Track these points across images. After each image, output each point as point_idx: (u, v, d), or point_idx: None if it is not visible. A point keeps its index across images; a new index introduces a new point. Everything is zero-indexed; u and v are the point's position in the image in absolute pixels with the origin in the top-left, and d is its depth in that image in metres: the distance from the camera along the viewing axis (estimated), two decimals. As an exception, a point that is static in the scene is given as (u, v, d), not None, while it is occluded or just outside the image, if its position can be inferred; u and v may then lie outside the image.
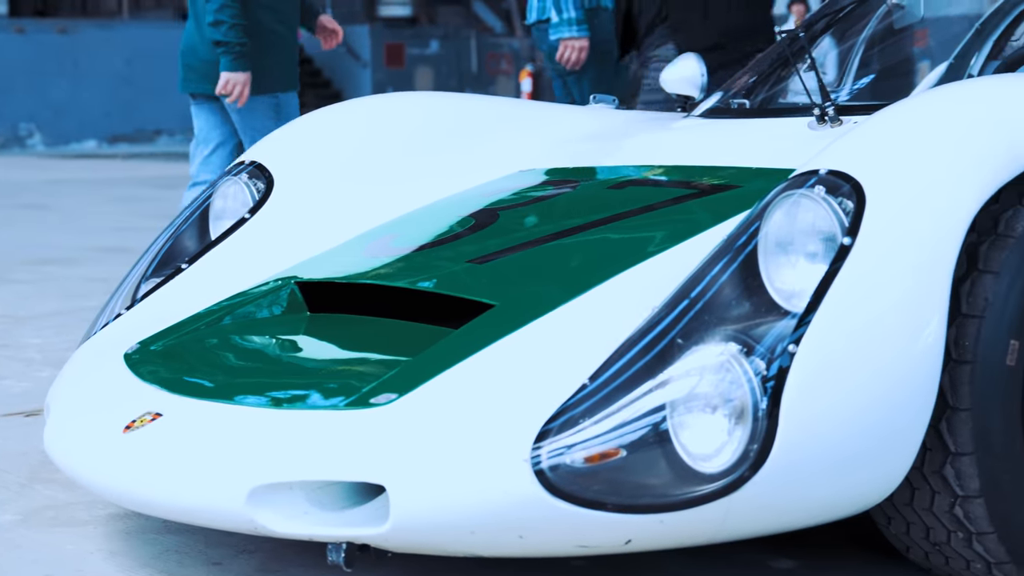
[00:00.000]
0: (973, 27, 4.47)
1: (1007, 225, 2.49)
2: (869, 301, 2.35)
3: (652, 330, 2.41)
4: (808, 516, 2.41)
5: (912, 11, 4.14)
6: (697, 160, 3.29)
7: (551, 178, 3.42)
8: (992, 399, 2.45)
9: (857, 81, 4.12)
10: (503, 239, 3.00)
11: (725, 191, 2.96)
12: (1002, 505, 2.47)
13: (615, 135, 3.71)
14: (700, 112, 3.85)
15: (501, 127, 3.78)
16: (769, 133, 3.41)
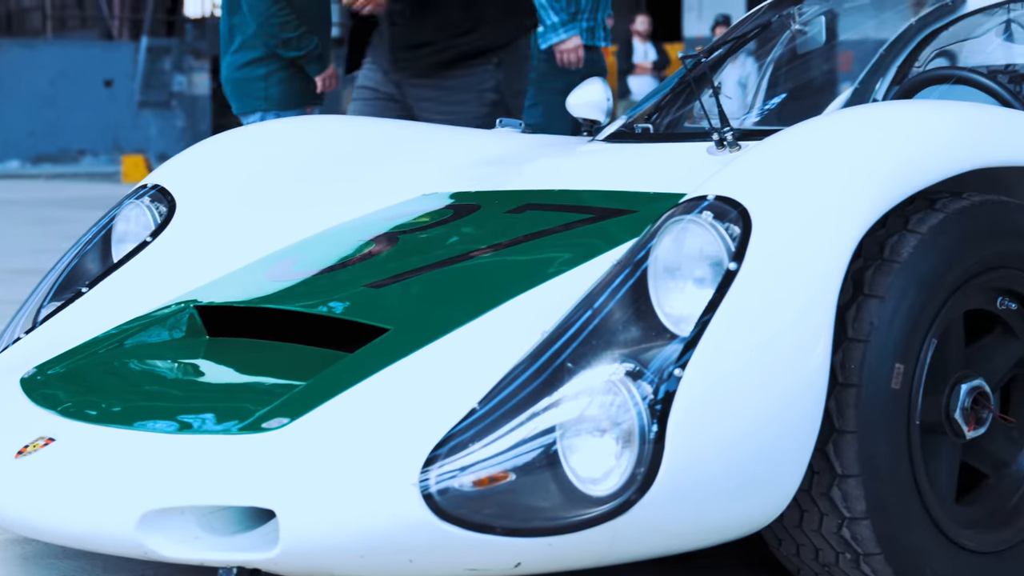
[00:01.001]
0: (877, 52, 4.53)
1: (892, 250, 2.53)
2: (755, 325, 2.38)
3: (543, 354, 2.43)
4: (696, 538, 2.44)
5: (815, 37, 4.18)
6: (597, 184, 3.31)
7: (453, 202, 3.43)
8: (878, 422, 2.48)
9: (760, 106, 4.17)
10: (401, 263, 3.01)
11: (621, 215, 2.98)
12: (888, 526, 2.51)
13: (519, 159, 3.72)
14: (604, 136, 3.87)
15: (406, 150, 3.79)
16: (669, 158, 3.43)
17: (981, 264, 2.62)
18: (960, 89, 3.78)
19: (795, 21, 4.21)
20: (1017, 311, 2.74)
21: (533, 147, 3.90)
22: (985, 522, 2.72)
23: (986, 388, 2.68)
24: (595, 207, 3.09)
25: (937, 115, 2.70)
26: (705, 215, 2.46)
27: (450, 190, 3.54)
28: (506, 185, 3.49)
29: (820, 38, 4.18)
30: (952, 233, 2.57)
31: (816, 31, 4.18)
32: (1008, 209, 2.66)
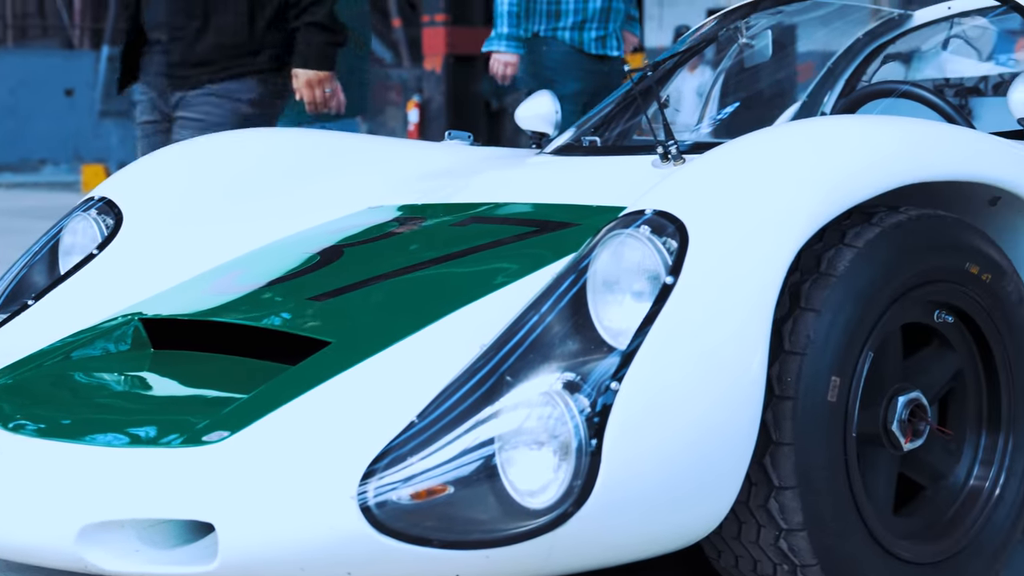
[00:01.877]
0: (825, 66, 4.57)
1: (829, 264, 2.55)
2: (692, 338, 2.40)
3: (482, 367, 2.44)
4: (634, 550, 2.45)
5: (762, 50, 4.21)
6: (543, 197, 3.33)
7: (398, 215, 3.45)
8: (814, 434, 2.50)
9: (707, 119, 4.20)
10: (345, 276, 3.02)
11: (564, 229, 3.00)
12: (825, 538, 2.53)
13: (466, 171, 3.74)
14: (552, 149, 3.89)
15: (353, 163, 3.80)
16: (614, 171, 3.45)
17: (918, 277, 2.65)
18: (904, 103, 3.82)
19: (742, 35, 4.24)
20: (954, 324, 2.77)
21: (481, 160, 3.92)
22: (922, 533, 2.74)
23: (923, 400, 2.71)
24: (539, 220, 3.11)
25: (874, 130, 2.73)
26: (643, 229, 2.48)
27: (396, 203, 3.56)
28: (453, 198, 3.50)
29: (767, 52, 4.20)
30: (888, 247, 2.59)
31: (763, 44, 4.21)
32: (945, 223, 2.69)
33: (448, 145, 4.08)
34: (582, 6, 6.16)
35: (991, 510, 2.79)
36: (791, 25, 4.50)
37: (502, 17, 6.12)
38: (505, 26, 6.10)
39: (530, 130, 4.10)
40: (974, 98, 4.45)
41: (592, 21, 6.22)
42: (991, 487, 2.80)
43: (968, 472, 2.82)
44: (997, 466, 2.82)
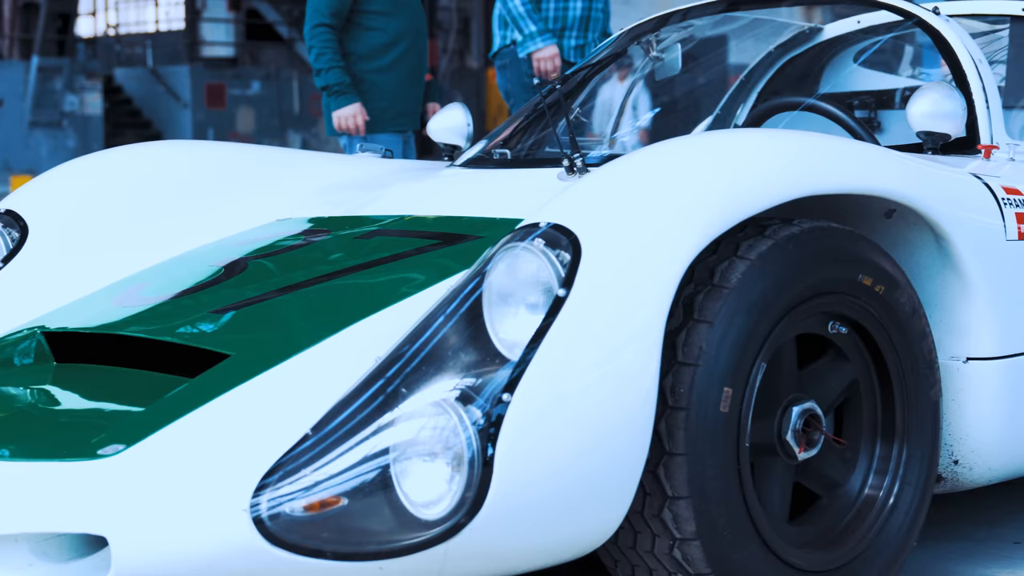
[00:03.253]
0: (739, 79, 4.60)
1: (722, 276, 2.57)
2: (584, 350, 2.42)
3: (377, 380, 2.46)
4: (528, 560, 2.47)
5: (672, 64, 4.25)
6: (450, 210, 3.34)
7: (305, 227, 3.45)
8: (707, 444, 2.52)
9: (618, 132, 4.22)
10: (248, 289, 3.03)
11: (467, 241, 3.01)
12: (718, 547, 2.55)
13: (377, 184, 3.75)
14: (462, 161, 3.91)
15: (265, 176, 3.81)
16: (522, 184, 3.47)
17: (811, 289, 2.68)
18: (811, 116, 3.86)
19: (653, 48, 4.27)
20: (848, 335, 2.80)
21: (391, 172, 3.94)
22: (817, 542, 2.77)
23: (818, 410, 2.74)
24: (442, 233, 3.13)
25: (768, 143, 2.75)
26: (537, 242, 2.49)
27: (305, 215, 3.56)
28: (361, 211, 3.52)
29: (677, 65, 4.24)
30: (781, 259, 2.62)
31: (673, 57, 4.24)
32: (837, 235, 2.72)
33: (360, 158, 4.10)
34: (561, 14, 6.15)
35: (885, 519, 2.82)
36: (703, 38, 4.53)
37: (523, 19, 6.03)
38: (530, 24, 6.04)
39: (442, 143, 4.11)
40: (883, 111, 4.49)
41: (572, 29, 6.21)
42: (885, 496, 2.84)
43: (863, 481, 2.85)
44: (891, 475, 2.85)
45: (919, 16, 3.69)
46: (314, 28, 5.55)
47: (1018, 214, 3.02)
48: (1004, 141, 3.41)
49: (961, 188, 2.97)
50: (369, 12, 5.61)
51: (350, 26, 5.61)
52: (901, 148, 3.39)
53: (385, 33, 5.64)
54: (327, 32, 5.53)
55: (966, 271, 2.90)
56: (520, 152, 3.92)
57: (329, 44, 5.55)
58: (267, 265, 3.19)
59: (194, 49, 25.70)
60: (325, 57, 5.54)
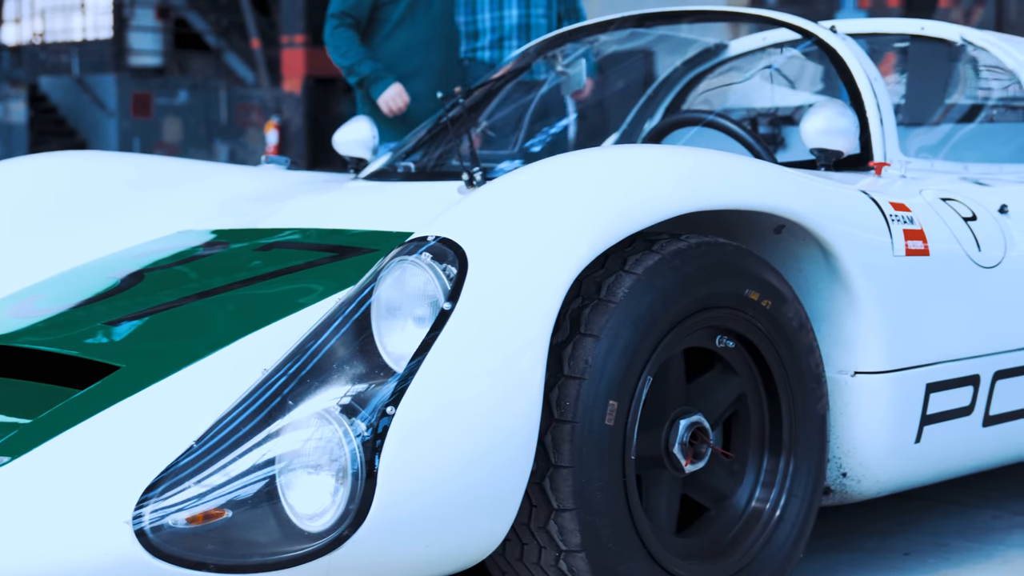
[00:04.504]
0: (645, 94, 4.65)
1: (609, 290, 2.60)
2: (468, 363, 2.44)
3: (264, 392, 2.47)
4: (412, 572, 2.48)
5: (577, 78, 4.28)
6: (350, 223, 3.35)
7: (204, 239, 3.46)
8: (592, 457, 2.55)
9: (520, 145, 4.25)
10: (143, 300, 3.03)
11: (362, 254, 3.03)
12: (604, 559, 2.57)
13: (281, 196, 3.76)
14: (366, 174, 3.92)
15: (169, 186, 3.81)
16: (422, 197, 3.49)
17: (697, 303, 2.71)
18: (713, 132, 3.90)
19: (559, 63, 4.30)
20: (736, 349, 2.83)
21: (296, 184, 3.95)
22: (704, 553, 2.80)
23: (705, 423, 2.77)
24: (339, 246, 3.14)
25: (657, 159, 2.78)
26: (424, 256, 2.51)
27: (206, 227, 3.56)
28: (262, 223, 3.52)
29: (582, 79, 4.27)
30: (668, 274, 2.65)
31: (578, 72, 4.27)
32: (725, 250, 2.75)
33: (265, 169, 4.10)
34: (498, 24, 6.11)
35: (772, 530, 2.86)
36: (610, 54, 4.57)
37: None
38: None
39: (348, 155, 4.13)
40: (788, 127, 4.55)
41: (510, 38, 6.13)
42: (772, 508, 2.87)
43: (750, 493, 2.89)
44: (778, 488, 2.89)
45: (816, 35, 3.74)
46: (333, 31, 5.41)
47: (906, 230, 3.06)
48: (897, 158, 3.46)
49: (849, 204, 3.01)
50: (387, 20, 5.45)
51: (370, 32, 5.44)
52: (795, 164, 3.44)
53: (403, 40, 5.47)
54: (346, 30, 5.38)
55: (853, 286, 2.94)
56: (424, 165, 3.94)
57: (352, 40, 5.39)
58: (164, 277, 3.19)
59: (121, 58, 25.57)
60: (353, 53, 5.38)
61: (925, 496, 3.83)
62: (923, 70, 4.19)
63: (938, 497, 3.86)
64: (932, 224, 3.15)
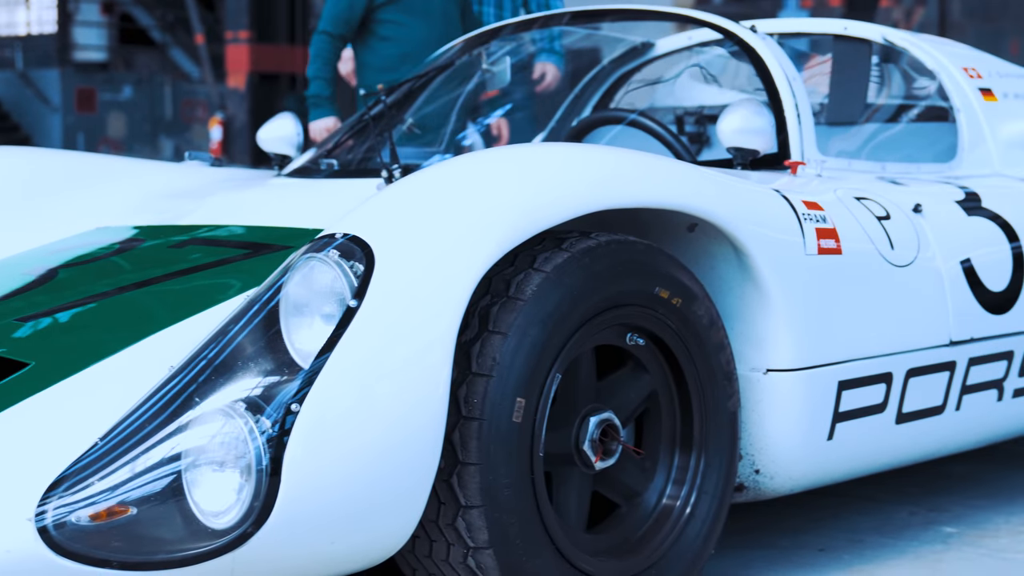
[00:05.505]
0: (572, 93, 4.66)
1: (518, 288, 2.61)
2: (374, 360, 2.44)
3: (170, 389, 2.46)
4: (319, 569, 2.48)
5: (501, 76, 4.28)
6: (267, 220, 3.36)
7: (125, 236, 3.45)
8: (499, 454, 2.56)
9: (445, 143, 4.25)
10: (55, 297, 3.02)
11: (277, 251, 3.03)
12: (511, 555, 2.58)
13: (202, 193, 3.76)
14: (289, 171, 3.92)
15: (90, 183, 3.80)
16: (342, 194, 3.49)
17: (607, 301, 2.72)
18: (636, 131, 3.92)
19: (483, 61, 4.31)
20: (646, 347, 2.85)
21: (219, 181, 3.94)
22: (614, 550, 2.82)
23: (615, 421, 2.78)
24: (254, 243, 3.14)
25: (566, 157, 2.79)
26: (332, 254, 2.51)
27: (128, 223, 3.56)
28: (182, 220, 3.52)
29: (506, 78, 4.28)
30: (577, 271, 2.66)
31: (502, 70, 4.28)
32: (634, 249, 2.77)
33: (188, 166, 4.09)
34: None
35: (682, 527, 2.88)
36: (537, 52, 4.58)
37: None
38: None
39: (272, 152, 4.13)
40: (712, 126, 4.57)
41: None
42: (683, 505, 2.89)
43: (661, 490, 2.91)
44: (689, 485, 2.90)
45: (736, 34, 3.76)
46: (316, 35, 5.26)
47: (818, 229, 3.09)
48: (813, 158, 3.49)
49: (761, 203, 3.03)
50: (384, 21, 5.22)
51: (365, 34, 5.24)
52: (712, 163, 3.46)
53: (399, 43, 5.26)
54: (324, 40, 5.20)
55: (765, 284, 2.96)
56: (347, 162, 3.94)
57: (321, 53, 5.22)
58: (78, 274, 3.18)
59: (65, 52, 25.42)
60: (314, 66, 5.24)
61: (841, 493, 3.87)
62: (845, 70, 4.22)
63: (854, 494, 3.89)
64: (845, 223, 3.18)
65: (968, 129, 4.03)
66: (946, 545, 3.46)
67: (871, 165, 3.73)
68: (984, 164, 4.03)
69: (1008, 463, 4.34)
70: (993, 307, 3.49)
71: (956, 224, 3.50)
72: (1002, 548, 3.43)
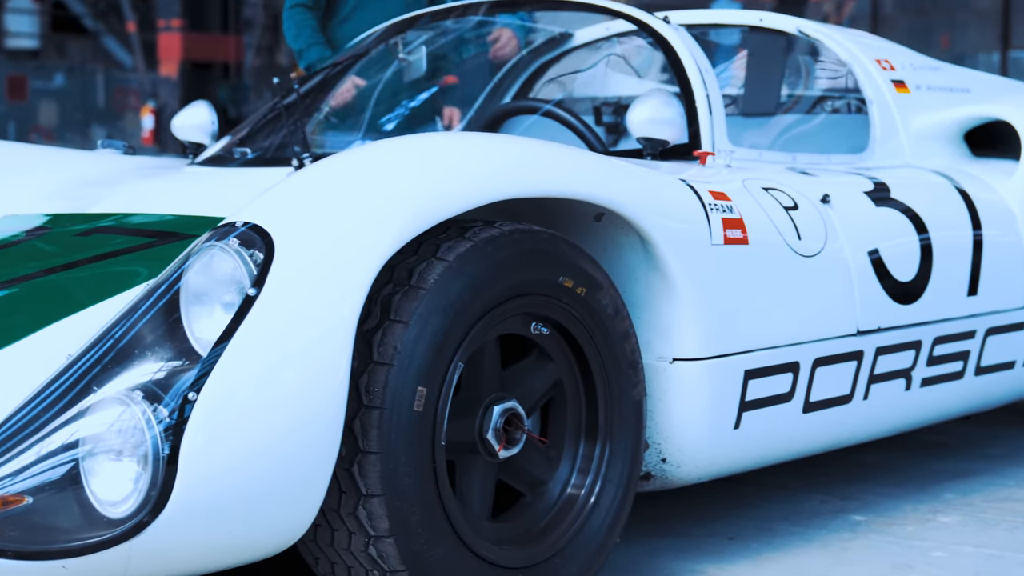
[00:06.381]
0: (491, 82, 4.66)
1: (420, 277, 2.61)
2: (272, 349, 2.43)
3: (68, 377, 2.45)
4: (218, 558, 2.48)
5: (417, 66, 4.28)
6: (176, 208, 3.34)
7: (33, 224, 3.42)
8: (400, 443, 2.56)
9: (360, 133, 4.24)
10: (-43, 285, 2.99)
11: (182, 240, 3.01)
12: (412, 544, 2.58)
13: (113, 181, 3.73)
14: (202, 159, 3.90)
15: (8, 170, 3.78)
16: (253, 183, 3.47)
17: (510, 291, 2.72)
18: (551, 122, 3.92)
19: (400, 50, 4.30)
20: (551, 336, 2.85)
21: (131, 169, 3.92)
22: (518, 539, 2.82)
23: (520, 409, 2.78)
24: (160, 231, 3.12)
25: (470, 146, 2.79)
26: (232, 242, 2.51)
27: (39, 211, 3.53)
28: (92, 208, 3.49)
29: (422, 67, 4.27)
30: (480, 260, 2.66)
31: (418, 59, 4.27)
32: (538, 238, 2.77)
33: (101, 154, 4.07)
34: None
35: (587, 516, 2.89)
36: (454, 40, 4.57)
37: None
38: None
39: (187, 140, 4.11)
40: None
41: None
42: (588, 494, 2.90)
43: (566, 480, 2.91)
44: (594, 473, 2.91)
45: (649, 24, 3.77)
46: (289, 9, 5.09)
47: (725, 219, 3.10)
48: (723, 148, 3.50)
49: (667, 193, 3.04)
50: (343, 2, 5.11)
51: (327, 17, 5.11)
52: (622, 154, 3.47)
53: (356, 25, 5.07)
54: (301, 12, 5.05)
55: (671, 274, 2.98)
56: (260, 151, 3.92)
57: (305, 23, 5.05)
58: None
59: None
60: (303, 37, 5.04)
61: (754, 481, 3.89)
62: (761, 61, 4.24)
63: (767, 482, 3.92)
64: (752, 213, 3.20)
65: (880, 121, 4.07)
66: (854, 533, 3.49)
67: (782, 156, 3.75)
68: (896, 156, 4.06)
69: (920, 451, 4.38)
70: (901, 297, 3.52)
71: (864, 215, 3.53)
72: (908, 536, 3.46)
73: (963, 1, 18.13)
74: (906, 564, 3.23)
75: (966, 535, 3.47)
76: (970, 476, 4.07)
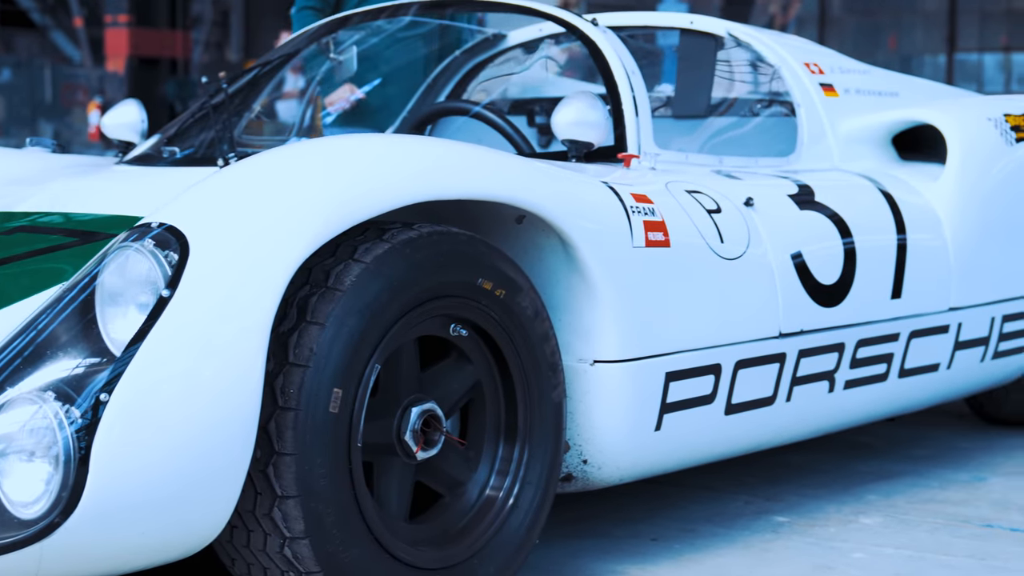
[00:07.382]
0: (424, 83, 4.66)
1: (337, 278, 2.62)
2: (185, 350, 2.43)
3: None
4: (130, 560, 2.48)
5: (348, 65, 4.28)
6: (100, 208, 3.32)
7: (-45, 222, 3.40)
8: (316, 444, 2.56)
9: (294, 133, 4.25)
10: None
11: (104, 240, 3.00)
12: (327, 545, 2.59)
13: (40, 179, 3.72)
14: (130, 158, 3.89)
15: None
16: (179, 182, 3.46)
17: (428, 292, 2.73)
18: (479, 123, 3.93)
19: (331, 50, 4.30)
20: (470, 338, 2.87)
21: (58, 168, 3.90)
22: (436, 540, 2.83)
23: (438, 411, 2.79)
24: (82, 231, 3.11)
25: (385, 148, 2.78)
26: (147, 243, 2.51)
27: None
28: (15, 207, 3.47)
29: (353, 67, 4.28)
30: (397, 262, 2.67)
31: (349, 58, 4.28)
32: (457, 240, 2.78)
33: (29, 152, 4.05)
34: None
35: (505, 517, 2.90)
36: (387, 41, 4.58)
37: None
38: None
39: (116, 139, 4.10)
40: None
41: None
42: (506, 496, 2.91)
43: (485, 481, 2.93)
44: (513, 475, 2.93)
45: (577, 27, 3.78)
46: (298, 12, 5.08)
47: (647, 222, 3.12)
48: (649, 151, 3.52)
49: (589, 196, 3.05)
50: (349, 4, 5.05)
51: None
52: (549, 156, 3.49)
53: None
54: (310, 14, 5.00)
55: (591, 276, 2.99)
56: (189, 151, 3.92)
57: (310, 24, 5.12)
58: (-100, 260, 3.13)
59: (-57, 34, 25.01)
60: None
61: (679, 482, 3.91)
62: (692, 64, 4.26)
63: (691, 483, 3.94)
64: (674, 216, 3.21)
65: (808, 124, 4.10)
66: (776, 534, 3.51)
67: (708, 159, 3.77)
68: (824, 159, 4.09)
69: (846, 452, 4.42)
70: (824, 300, 3.55)
71: (788, 218, 3.55)
72: (830, 537, 3.49)
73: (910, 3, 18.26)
74: (826, 565, 3.25)
75: (887, 536, 3.50)
76: (894, 477, 4.10)
